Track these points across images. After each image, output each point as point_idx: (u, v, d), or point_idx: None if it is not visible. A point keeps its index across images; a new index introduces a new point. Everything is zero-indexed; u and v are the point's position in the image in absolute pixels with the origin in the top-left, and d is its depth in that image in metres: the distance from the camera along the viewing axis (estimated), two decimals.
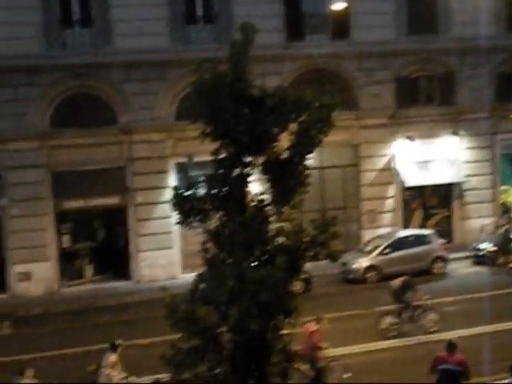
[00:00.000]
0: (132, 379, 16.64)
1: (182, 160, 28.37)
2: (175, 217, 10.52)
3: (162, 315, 10.32)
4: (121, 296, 27.96)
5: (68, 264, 30.23)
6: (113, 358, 16.23)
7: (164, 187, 29.13)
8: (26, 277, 28.47)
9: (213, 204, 10.12)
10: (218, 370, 9.55)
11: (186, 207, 10.11)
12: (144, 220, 29.58)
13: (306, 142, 10.20)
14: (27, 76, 28.40)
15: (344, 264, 27.53)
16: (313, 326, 16.61)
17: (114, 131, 29.51)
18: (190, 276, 11.49)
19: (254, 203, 10.23)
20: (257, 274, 9.18)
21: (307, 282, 24.97)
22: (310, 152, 10.37)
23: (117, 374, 16.05)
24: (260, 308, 9.36)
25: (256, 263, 9.55)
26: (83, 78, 28.89)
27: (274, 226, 10.11)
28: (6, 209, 28.38)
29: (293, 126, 10.36)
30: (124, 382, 16.26)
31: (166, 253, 29.70)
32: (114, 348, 16.44)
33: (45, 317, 26.28)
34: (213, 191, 10.16)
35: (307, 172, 10.34)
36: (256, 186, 10.71)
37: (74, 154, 28.72)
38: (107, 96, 29.48)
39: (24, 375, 15.21)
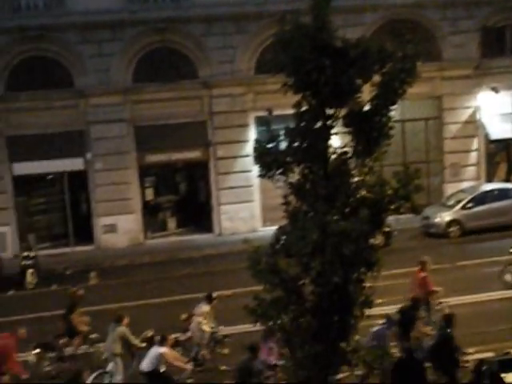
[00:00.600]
0: (219, 329, 17.09)
1: (263, 113, 28.26)
2: (256, 170, 10.55)
3: (244, 267, 10.44)
4: (203, 248, 28.44)
5: (151, 217, 30.90)
6: (206, 308, 16.68)
7: (244, 141, 29.26)
8: (111, 229, 29.26)
9: (294, 157, 10.10)
10: (300, 321, 9.64)
11: (268, 160, 10.13)
12: (225, 174, 29.85)
13: (389, 94, 10.02)
14: (110, 31, 28.77)
15: (426, 218, 27.18)
16: (421, 272, 16.78)
17: (195, 85, 29.69)
18: (271, 229, 11.56)
19: (336, 156, 10.16)
20: (339, 227, 9.16)
21: (388, 235, 24.74)
22: (394, 103, 10.18)
23: (207, 323, 16.49)
24: (342, 260, 9.36)
25: (338, 216, 9.52)
26: (164, 32, 29.06)
27: (356, 179, 10.03)
28: (90, 163, 29.08)
29: (376, 77, 10.18)
30: (213, 331, 16.72)
31: (247, 206, 29.96)
32: (209, 299, 16.89)
33: (129, 268, 27.05)
34: (294, 144, 10.12)
35: (390, 124, 10.17)
36: (338, 139, 10.62)
37: (155, 109, 29.07)
38: (188, 50, 29.61)
39: (122, 322, 15.74)
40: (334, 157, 10.13)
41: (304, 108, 10.16)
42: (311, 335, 9.53)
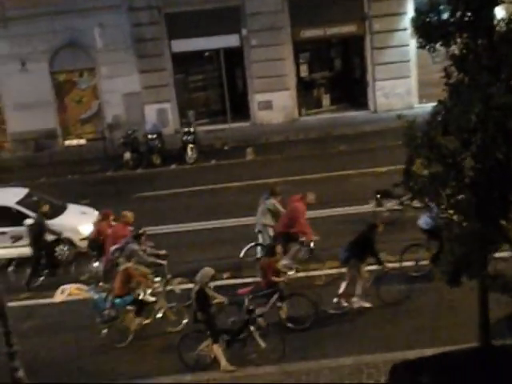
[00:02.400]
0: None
1: None
2: (414, 44, 10.13)
3: (399, 144, 10.26)
4: (357, 125, 28.20)
5: (306, 93, 30.83)
6: None
7: (402, 13, 28.09)
8: (266, 106, 29.54)
9: (457, 26, 9.57)
10: (459, 197, 9.43)
11: (429, 30, 9.66)
12: (381, 48, 28.98)
13: None
14: None
15: None
16: None
17: None
18: (427, 106, 11.22)
19: (503, 25, 9.52)
20: (504, 99, 8.70)
21: None
22: None
23: None
24: (506, 135, 8.95)
25: (503, 88, 9.02)
26: None
27: None
28: (246, 39, 29.13)
29: None
30: None
31: (403, 82, 29.13)
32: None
33: (284, 144, 27.38)
34: (457, 13, 9.56)
35: None
36: (503, 8, 9.93)
37: None
38: None
39: (274, 196, 16.07)
40: (499, 27, 9.50)
41: None
42: (470, 211, 9.32)
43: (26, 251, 17.79)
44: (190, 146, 26.20)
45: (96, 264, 16.55)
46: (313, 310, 13.36)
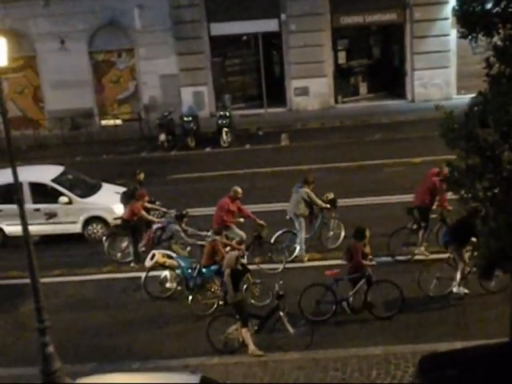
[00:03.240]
0: None
1: None
2: (454, 34, 9.99)
3: (435, 135, 10.16)
4: (394, 114, 27.99)
5: (343, 81, 30.68)
6: None
7: (443, 2, 27.74)
8: (303, 92, 29.44)
9: (501, 17, 9.41)
10: (495, 190, 9.31)
11: (472, 20, 9.52)
12: (421, 37, 28.66)
13: None
14: None
15: None
16: None
17: None
18: (465, 97, 11.09)
19: None
20: None
21: None
22: None
23: None
24: None
25: None
26: None
27: None
28: (285, 24, 28.99)
29: None
30: None
31: (442, 72, 28.82)
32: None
33: (320, 131, 27.28)
34: (502, 3, 9.41)
35: None
36: None
37: None
38: None
39: (307, 184, 16.03)
40: None
41: None
42: (507, 205, 9.19)
43: (60, 228, 18.03)
44: (225, 129, 26.23)
45: (124, 244, 16.75)
46: (399, 297, 13.14)
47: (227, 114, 26.84)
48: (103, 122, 30.26)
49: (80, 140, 28.28)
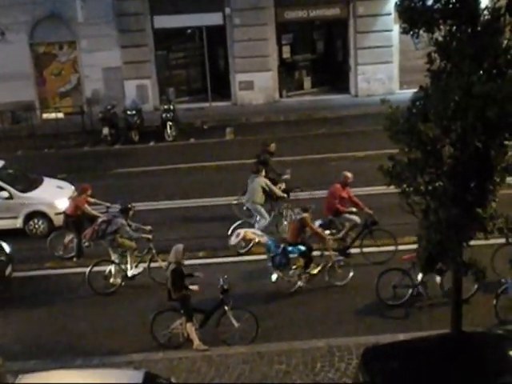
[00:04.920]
0: None
1: None
2: (397, 29, 10.09)
3: (379, 129, 10.27)
4: (338, 109, 28.20)
5: (287, 75, 30.75)
6: None
7: None
8: (247, 86, 29.41)
9: (442, 13, 9.55)
10: (436, 184, 9.46)
11: (413, 16, 9.63)
12: (364, 33, 28.93)
13: None
14: None
15: None
16: None
17: None
18: (408, 92, 11.25)
19: (487, 14, 9.51)
20: (485, 88, 8.70)
21: None
22: None
23: None
24: (485, 124, 8.98)
25: (484, 77, 9.03)
26: None
27: (507, 39, 9.40)
28: (229, 18, 28.91)
29: None
30: None
31: (385, 67, 29.14)
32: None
33: (264, 125, 27.31)
34: (442, 0, 9.54)
35: None
36: None
37: None
38: None
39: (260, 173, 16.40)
40: (484, 15, 9.49)
41: None
42: (447, 199, 9.36)
43: (0, 224, 17.67)
44: (170, 123, 26.03)
45: (67, 239, 16.54)
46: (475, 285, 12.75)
47: (171, 107, 26.65)
48: (45, 116, 29.70)
49: (21, 134, 27.69)
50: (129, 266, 14.99)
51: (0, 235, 16.75)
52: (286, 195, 16.76)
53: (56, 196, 18.28)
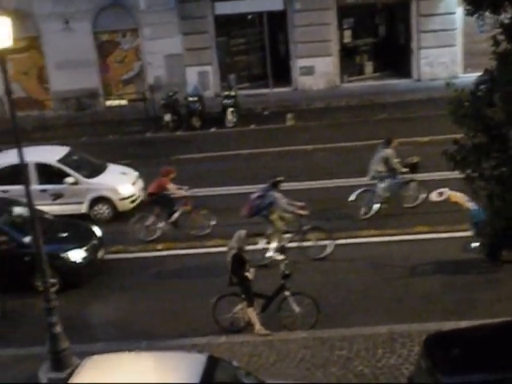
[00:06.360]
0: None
1: None
2: (461, 12, 9.88)
3: (442, 114, 10.13)
4: (400, 93, 27.84)
5: (348, 60, 30.50)
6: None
7: None
8: (308, 71, 29.28)
9: None
10: (502, 169, 9.28)
11: None
12: (427, 16, 28.44)
13: None
14: None
15: None
16: None
17: None
18: (472, 76, 11.04)
19: None
20: None
21: None
22: None
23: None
24: None
25: None
26: None
27: None
28: (290, 3, 28.77)
29: None
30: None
31: (448, 50, 28.62)
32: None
33: (325, 111, 27.20)
34: None
35: None
36: None
37: None
38: None
39: (390, 145, 16.86)
40: None
41: None
42: None
43: (66, 209, 18.04)
44: (230, 109, 26.15)
45: (150, 220, 16.86)
46: None
47: (232, 93, 26.76)
48: (108, 103, 30.18)
49: (85, 120, 28.21)
50: (272, 247, 14.86)
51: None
52: (406, 170, 16.80)
53: (120, 182, 18.59)
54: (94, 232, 16.00)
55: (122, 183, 18.55)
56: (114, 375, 8.96)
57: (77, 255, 15.02)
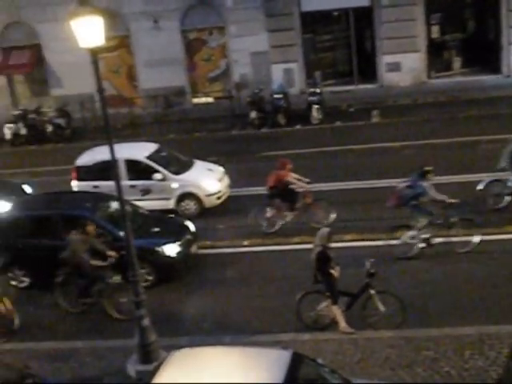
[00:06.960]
0: None
1: None
2: None
3: None
4: (489, 89, 27.17)
5: (436, 56, 29.98)
6: None
7: None
8: (395, 67, 28.94)
9: None
10: None
11: None
12: None
13: None
14: None
15: None
16: None
17: None
18: None
19: None
20: None
21: None
22: None
23: None
24: None
25: None
26: None
27: None
28: None
29: None
30: None
31: None
32: None
33: (412, 107, 26.86)
34: None
35: None
36: None
37: None
38: None
39: None
40: None
41: None
42: None
43: (154, 204, 18.43)
44: (316, 106, 26.14)
45: (270, 213, 17.06)
46: None
47: (318, 90, 26.74)
48: (195, 100, 30.64)
49: (173, 118, 28.74)
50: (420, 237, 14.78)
51: None
52: None
53: (206, 178, 18.87)
54: (187, 227, 16.32)
55: (209, 180, 18.83)
56: (200, 370, 9.09)
57: (171, 250, 15.28)
